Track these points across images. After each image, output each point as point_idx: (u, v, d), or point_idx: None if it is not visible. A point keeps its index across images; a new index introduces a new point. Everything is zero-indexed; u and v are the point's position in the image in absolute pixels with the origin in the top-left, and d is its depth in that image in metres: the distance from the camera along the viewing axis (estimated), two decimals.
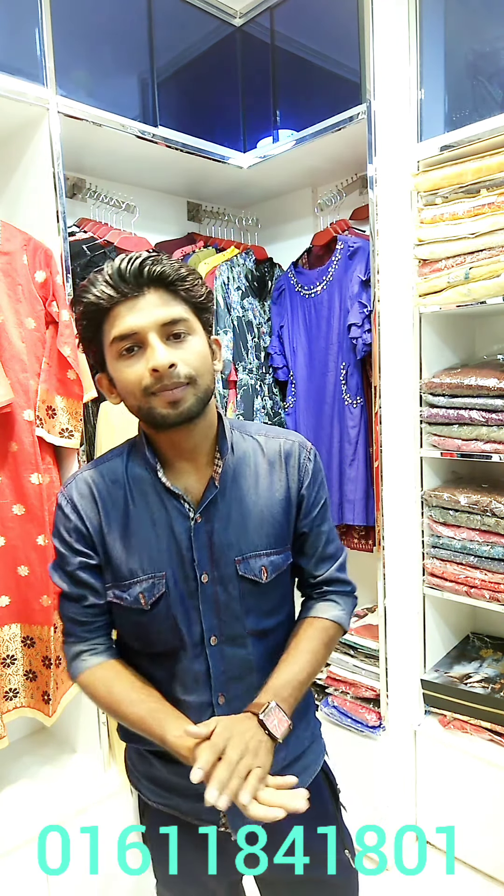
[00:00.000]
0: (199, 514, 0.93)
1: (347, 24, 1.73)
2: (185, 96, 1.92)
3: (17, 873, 1.50)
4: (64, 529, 0.95)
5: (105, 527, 0.94)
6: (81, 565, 0.95)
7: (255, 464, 0.99)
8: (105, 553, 0.95)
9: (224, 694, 0.96)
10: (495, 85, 1.68)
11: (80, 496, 0.95)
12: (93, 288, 0.86)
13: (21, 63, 1.52)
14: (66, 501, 0.96)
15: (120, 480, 0.96)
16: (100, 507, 0.94)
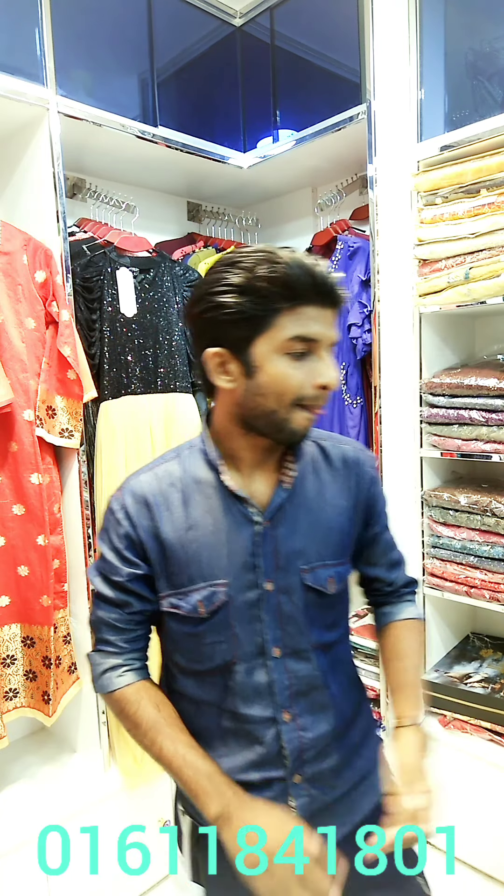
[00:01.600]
0: (267, 518, 0.89)
1: (347, 24, 1.73)
2: (185, 96, 1.92)
3: (17, 873, 1.50)
4: (115, 536, 0.90)
5: (160, 534, 0.89)
6: (130, 575, 0.90)
7: (320, 470, 0.96)
8: (161, 560, 0.89)
9: (289, 710, 0.90)
10: (495, 85, 1.68)
11: (134, 501, 0.90)
12: (296, 267, 0.78)
13: (21, 63, 1.52)
14: (119, 506, 0.90)
15: (177, 484, 0.90)
16: (154, 513, 0.89)
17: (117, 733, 1.76)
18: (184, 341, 1.93)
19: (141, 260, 1.87)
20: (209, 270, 0.84)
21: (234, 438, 0.90)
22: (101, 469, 1.73)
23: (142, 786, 1.72)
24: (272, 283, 0.78)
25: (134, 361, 1.81)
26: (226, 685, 0.90)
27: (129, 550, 0.90)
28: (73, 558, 1.70)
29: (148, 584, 0.91)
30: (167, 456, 0.94)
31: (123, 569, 0.90)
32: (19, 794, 1.67)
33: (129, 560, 0.90)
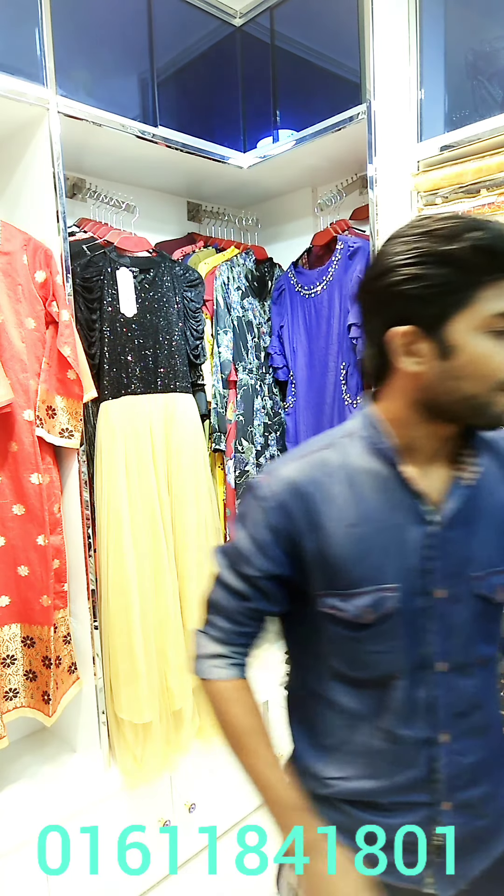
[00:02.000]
0: (444, 518, 0.80)
1: (347, 24, 1.73)
2: (185, 96, 1.92)
3: (17, 873, 1.50)
4: (260, 527, 0.81)
5: (320, 528, 0.79)
6: (264, 573, 0.82)
7: (493, 469, 0.85)
8: (319, 558, 0.80)
9: (448, 732, 0.82)
10: (495, 85, 1.68)
11: (288, 490, 0.80)
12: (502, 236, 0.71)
13: (21, 63, 1.52)
14: (269, 493, 0.81)
15: (337, 474, 0.80)
16: (312, 506, 0.80)
17: (117, 733, 1.76)
18: (184, 341, 1.93)
19: (141, 260, 1.87)
20: (392, 238, 0.75)
21: (411, 427, 0.80)
22: (101, 469, 1.73)
23: (142, 786, 1.72)
24: (477, 252, 0.69)
25: (134, 361, 1.81)
26: (382, 700, 0.82)
27: (275, 546, 0.81)
28: (73, 558, 1.70)
29: (281, 585, 0.84)
30: (315, 444, 0.85)
31: (260, 564, 0.82)
32: (19, 794, 1.67)
33: (269, 556, 0.82)
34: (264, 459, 2.15)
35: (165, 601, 1.80)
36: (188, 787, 1.90)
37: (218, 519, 2.01)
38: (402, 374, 0.78)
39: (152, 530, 1.79)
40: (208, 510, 1.93)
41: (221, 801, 2.01)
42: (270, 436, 2.18)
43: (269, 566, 0.82)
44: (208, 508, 1.94)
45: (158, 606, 1.79)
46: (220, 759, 1.99)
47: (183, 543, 1.86)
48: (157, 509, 1.80)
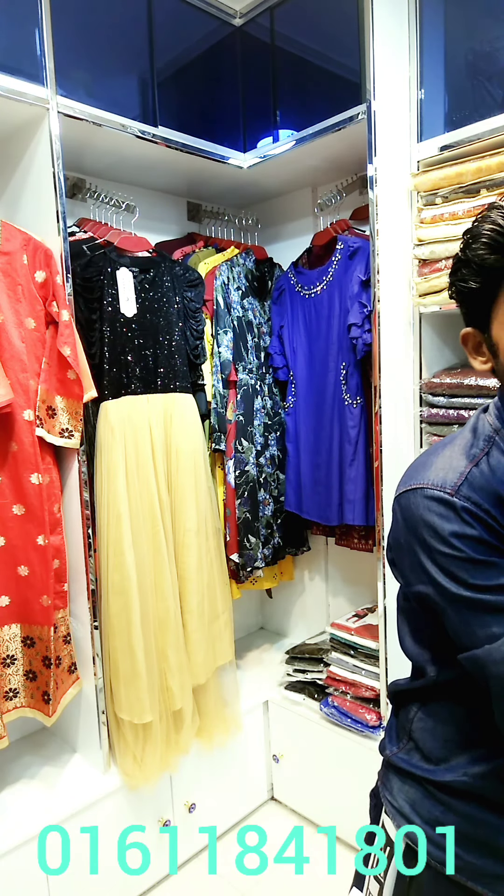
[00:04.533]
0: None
1: (347, 24, 1.73)
2: (185, 96, 1.92)
3: (17, 873, 1.50)
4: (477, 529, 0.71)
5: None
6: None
7: None
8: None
9: None
10: (495, 85, 1.68)
11: (481, 494, 0.72)
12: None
13: (21, 63, 1.52)
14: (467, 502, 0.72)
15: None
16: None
17: (117, 733, 1.76)
18: (184, 341, 1.93)
19: (141, 260, 1.87)
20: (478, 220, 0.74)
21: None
22: (101, 469, 1.73)
23: (142, 786, 1.72)
24: (484, 248, 0.69)
25: (134, 361, 1.81)
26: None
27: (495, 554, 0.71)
28: (73, 558, 1.70)
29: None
30: (475, 443, 0.77)
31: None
32: (19, 794, 1.67)
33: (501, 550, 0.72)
34: (264, 459, 2.15)
35: (165, 601, 1.80)
36: (188, 787, 1.90)
37: (218, 519, 2.01)
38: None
39: (152, 530, 1.79)
40: (208, 510, 1.94)
41: (221, 801, 2.01)
42: (270, 436, 2.18)
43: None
44: (208, 508, 1.94)
45: (158, 606, 1.80)
46: (220, 759, 1.99)
47: (183, 543, 1.86)
48: (157, 509, 1.80)
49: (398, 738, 0.91)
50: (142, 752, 1.75)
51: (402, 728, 0.91)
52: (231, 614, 2.04)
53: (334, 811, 1.99)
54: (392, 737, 0.93)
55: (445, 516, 0.72)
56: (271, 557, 2.17)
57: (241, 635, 2.64)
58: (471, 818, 0.81)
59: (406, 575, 0.80)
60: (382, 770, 0.94)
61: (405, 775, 0.88)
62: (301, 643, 2.27)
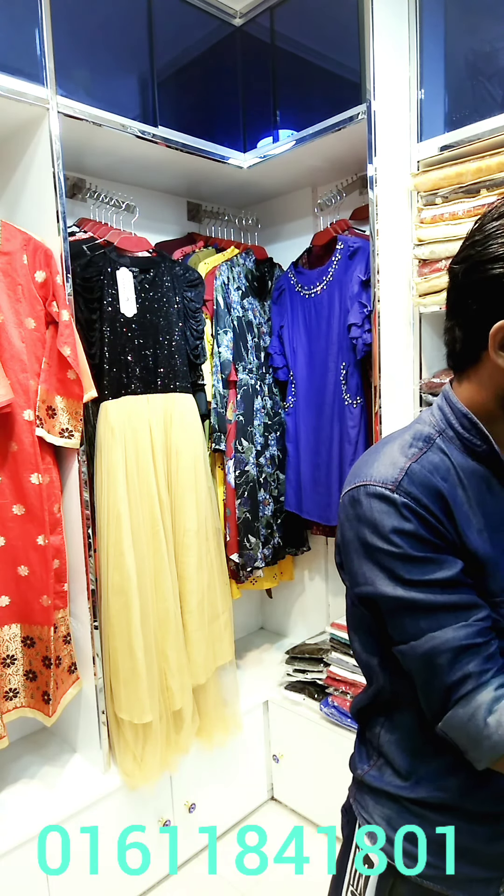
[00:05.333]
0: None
1: (347, 24, 1.73)
2: (185, 96, 1.92)
3: (17, 873, 1.50)
4: (418, 526, 0.71)
5: (465, 539, 0.74)
6: (459, 564, 0.73)
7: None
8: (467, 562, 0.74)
9: None
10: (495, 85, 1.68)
11: (427, 494, 0.72)
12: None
13: (21, 63, 1.52)
14: (405, 499, 0.72)
15: (451, 479, 0.75)
16: (454, 512, 0.73)
17: (117, 733, 1.76)
18: (184, 341, 1.93)
19: (141, 260, 1.87)
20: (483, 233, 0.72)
21: (496, 422, 0.77)
22: (101, 469, 1.73)
23: (142, 786, 1.72)
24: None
25: (134, 361, 1.81)
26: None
27: (443, 542, 0.73)
28: (73, 558, 1.70)
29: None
30: (414, 443, 0.77)
31: (448, 561, 0.72)
32: (19, 794, 1.67)
33: (444, 548, 0.73)
34: (264, 459, 2.15)
35: (165, 601, 1.80)
36: (188, 787, 1.90)
37: (218, 519, 2.01)
38: (496, 368, 0.74)
39: (152, 530, 1.79)
40: (208, 510, 1.94)
41: (221, 801, 2.01)
42: (270, 436, 2.18)
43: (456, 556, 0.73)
44: (208, 508, 1.94)
45: (158, 606, 1.80)
46: (220, 759, 1.99)
47: (183, 543, 1.86)
48: (157, 509, 1.80)
49: (368, 755, 0.90)
50: (142, 752, 1.75)
51: (370, 745, 0.89)
52: (231, 614, 2.04)
53: (334, 811, 1.98)
54: (362, 755, 0.91)
55: (386, 512, 0.72)
56: (271, 557, 2.17)
57: (241, 635, 2.64)
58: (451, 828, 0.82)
59: (352, 576, 0.79)
60: (354, 787, 0.92)
61: (379, 793, 0.87)
62: (301, 643, 2.27)
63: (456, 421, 0.78)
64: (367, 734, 0.90)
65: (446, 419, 0.79)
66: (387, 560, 0.72)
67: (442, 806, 0.81)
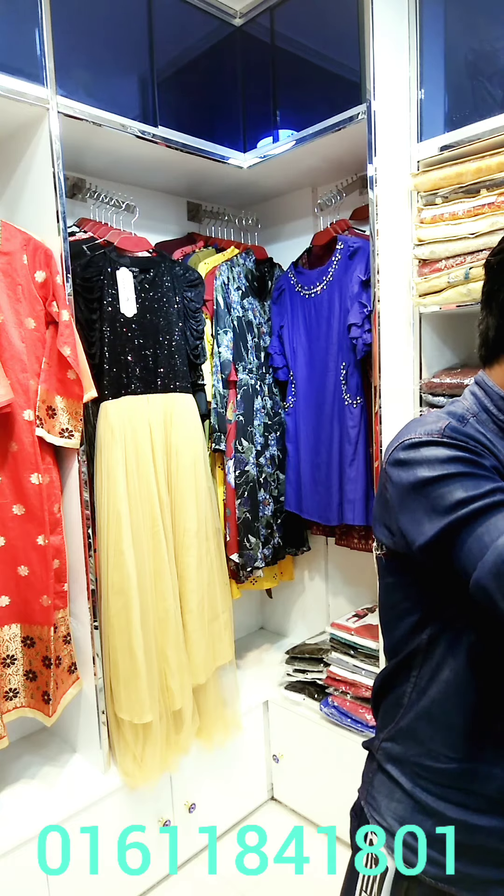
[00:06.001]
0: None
1: (347, 24, 1.73)
2: (185, 96, 1.92)
3: (17, 873, 1.50)
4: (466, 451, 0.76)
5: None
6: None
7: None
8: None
9: None
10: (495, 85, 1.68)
11: (465, 436, 0.77)
12: None
13: (21, 63, 1.52)
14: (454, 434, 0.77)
15: (487, 449, 0.78)
16: (494, 452, 0.77)
17: (117, 733, 1.76)
18: (184, 341, 1.93)
19: (141, 260, 1.87)
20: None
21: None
22: (101, 469, 1.73)
23: (142, 786, 1.72)
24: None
25: (134, 361, 1.81)
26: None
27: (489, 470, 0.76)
28: (73, 558, 1.70)
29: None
30: (448, 417, 0.80)
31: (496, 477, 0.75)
32: (19, 794, 1.67)
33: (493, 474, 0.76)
34: (264, 459, 2.15)
35: (165, 601, 1.80)
36: (188, 787, 1.90)
37: (218, 519, 2.01)
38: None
39: (152, 530, 1.79)
40: (208, 510, 1.94)
41: (221, 801, 2.01)
42: (270, 436, 2.18)
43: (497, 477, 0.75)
44: (208, 508, 1.94)
45: (158, 606, 1.80)
46: (220, 759, 1.99)
47: (183, 543, 1.86)
48: (157, 509, 1.80)
49: (387, 728, 0.89)
50: (142, 752, 1.75)
51: (392, 719, 0.88)
52: (231, 614, 2.04)
53: (334, 811, 1.99)
54: (379, 736, 0.91)
55: (436, 448, 0.76)
56: (271, 557, 2.17)
57: (241, 635, 2.64)
58: (464, 825, 0.81)
59: (412, 527, 0.78)
60: (364, 789, 0.91)
61: (394, 784, 0.86)
62: (301, 643, 2.27)
63: (491, 404, 0.80)
64: (390, 707, 0.90)
65: (480, 403, 0.81)
66: (447, 485, 0.74)
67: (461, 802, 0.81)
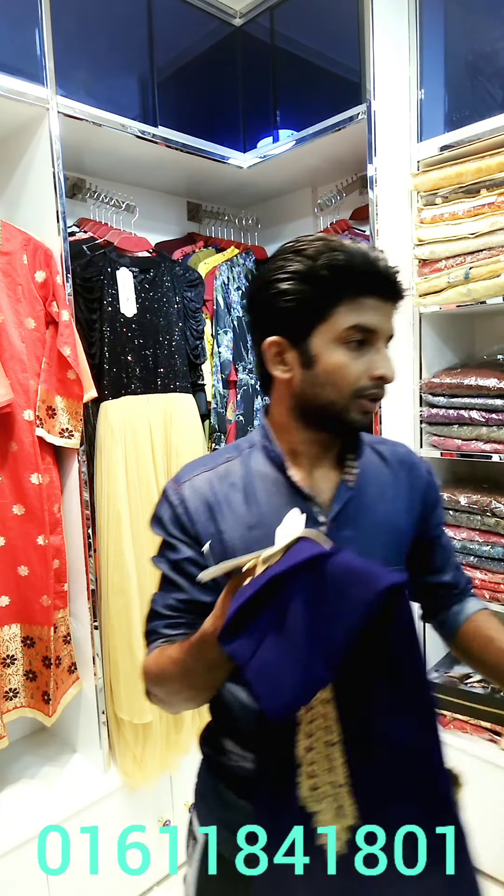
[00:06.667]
0: (331, 519, 0.85)
1: (347, 24, 1.73)
2: (185, 96, 1.92)
3: (17, 873, 1.50)
4: (172, 526, 0.87)
5: (222, 534, 0.85)
6: (188, 558, 0.86)
7: (379, 471, 0.93)
8: (223, 559, 0.83)
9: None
10: (495, 85, 1.68)
11: (194, 499, 0.87)
12: (359, 257, 0.78)
13: (21, 63, 1.52)
14: (178, 500, 0.87)
15: (239, 483, 0.87)
16: (215, 514, 0.86)
17: (117, 733, 1.76)
18: (184, 341, 1.93)
19: (141, 260, 1.87)
20: (271, 257, 0.83)
21: (293, 433, 0.87)
22: (101, 469, 1.73)
23: (142, 786, 1.72)
24: (334, 271, 0.77)
25: (134, 361, 1.81)
26: None
27: (188, 539, 0.87)
28: (73, 558, 1.70)
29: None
30: (228, 453, 0.91)
31: (183, 549, 0.87)
32: (19, 794, 1.67)
33: (187, 544, 0.87)
34: None
35: None
36: (188, 787, 1.90)
37: None
38: (278, 383, 0.86)
39: None
40: None
41: None
42: None
43: (190, 551, 0.87)
44: None
45: None
46: None
47: None
48: None
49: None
50: (142, 752, 1.75)
51: None
52: None
53: None
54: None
55: (161, 505, 0.90)
56: None
57: None
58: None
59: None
60: None
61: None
62: None
63: (263, 432, 0.90)
64: None
65: (260, 432, 0.91)
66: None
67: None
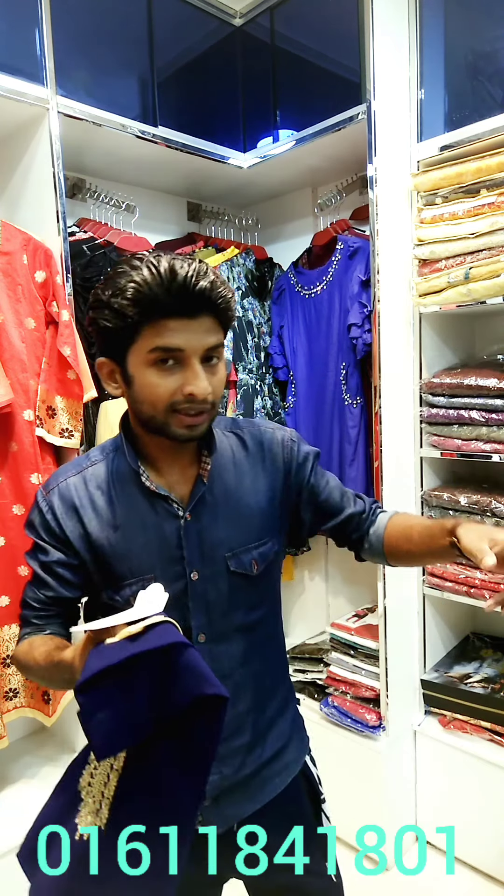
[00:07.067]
0: (189, 512, 0.93)
1: (347, 24, 1.73)
2: (185, 96, 1.92)
3: (18, 873, 1.50)
4: (43, 531, 0.95)
5: (89, 535, 0.93)
6: (57, 559, 0.94)
7: (237, 458, 1.00)
8: (92, 560, 0.93)
9: None
10: (495, 85, 1.68)
11: (61, 504, 0.94)
12: (151, 284, 0.80)
13: (21, 63, 1.52)
14: (46, 507, 0.94)
15: (103, 486, 0.94)
16: (82, 516, 0.93)
17: None
18: None
19: None
20: (102, 280, 0.87)
21: (143, 438, 0.94)
22: None
23: None
24: (127, 301, 0.81)
25: None
26: None
27: (57, 543, 0.94)
28: None
29: (73, 571, 0.94)
30: (95, 456, 0.98)
31: (52, 552, 0.94)
32: (19, 794, 1.67)
33: (56, 547, 0.94)
34: None
35: None
36: None
37: None
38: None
39: None
40: None
41: None
42: None
43: (59, 553, 0.94)
44: None
45: None
46: None
47: None
48: None
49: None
50: None
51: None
52: None
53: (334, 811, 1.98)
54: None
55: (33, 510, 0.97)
56: None
57: None
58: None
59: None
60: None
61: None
62: (301, 643, 2.27)
63: (122, 438, 0.97)
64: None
65: (122, 437, 0.97)
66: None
67: None
